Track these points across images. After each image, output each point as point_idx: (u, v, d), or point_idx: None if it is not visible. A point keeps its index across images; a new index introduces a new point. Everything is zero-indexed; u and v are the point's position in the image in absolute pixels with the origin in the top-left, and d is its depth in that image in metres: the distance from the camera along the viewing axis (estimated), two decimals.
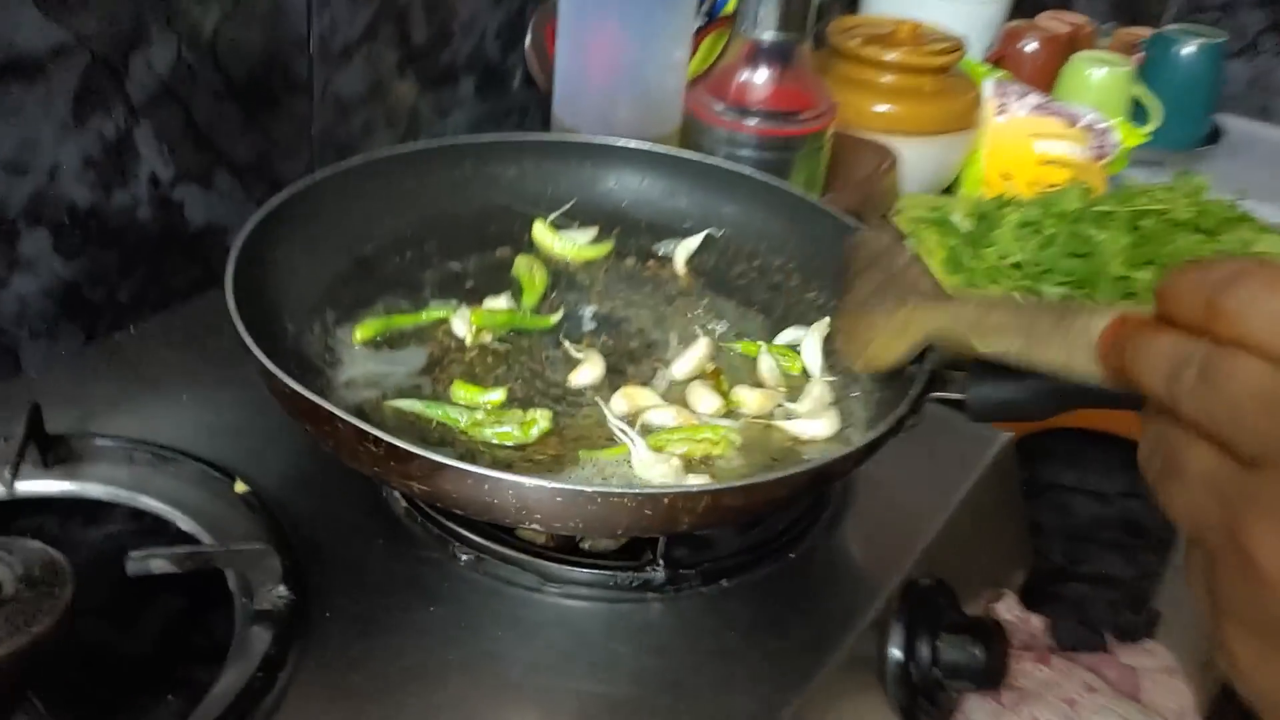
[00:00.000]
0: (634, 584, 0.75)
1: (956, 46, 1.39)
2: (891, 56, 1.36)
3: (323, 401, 0.67)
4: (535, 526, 0.70)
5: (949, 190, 1.44)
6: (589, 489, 0.64)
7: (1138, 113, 1.61)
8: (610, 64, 1.14)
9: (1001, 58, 1.65)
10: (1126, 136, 1.45)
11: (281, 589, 0.71)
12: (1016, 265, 0.93)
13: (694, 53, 1.29)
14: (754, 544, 0.79)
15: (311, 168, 1.11)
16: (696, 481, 0.76)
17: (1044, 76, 1.62)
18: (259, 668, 0.67)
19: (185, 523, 0.78)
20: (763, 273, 0.98)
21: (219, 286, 0.76)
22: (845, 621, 0.77)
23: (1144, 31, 1.82)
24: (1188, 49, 1.62)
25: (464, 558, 0.77)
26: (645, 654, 0.72)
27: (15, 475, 0.77)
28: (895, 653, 0.77)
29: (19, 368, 0.94)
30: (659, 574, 0.75)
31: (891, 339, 0.76)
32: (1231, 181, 0.78)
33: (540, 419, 0.78)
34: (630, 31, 1.12)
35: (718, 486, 0.66)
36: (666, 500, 0.65)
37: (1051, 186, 0.94)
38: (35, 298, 0.92)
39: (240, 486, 0.78)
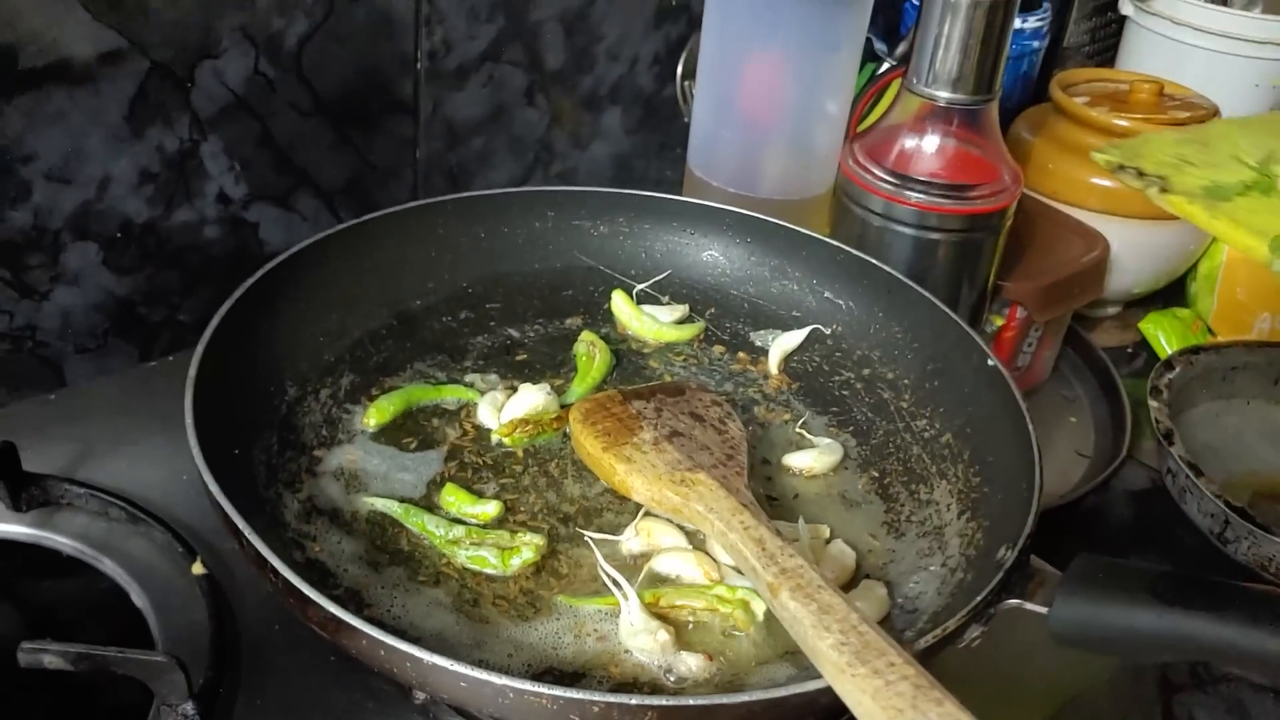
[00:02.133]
0: None
1: (1209, 114, 1.15)
2: (1123, 121, 1.14)
3: (230, 508, 0.57)
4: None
5: (1170, 299, 1.21)
6: (498, 681, 0.51)
7: None
8: (758, 111, 0.99)
9: None
10: None
11: (189, 708, 0.61)
12: None
13: (873, 99, 1.12)
14: None
15: (414, 191, 1.02)
16: (692, 662, 0.61)
17: None
18: None
19: (138, 597, 0.70)
20: (869, 386, 0.81)
21: None
22: None
23: None
24: None
25: (419, 697, 0.65)
26: None
27: None
28: None
29: (63, 381, 0.89)
30: None
31: (647, 482, 0.67)
32: None
33: (526, 548, 0.65)
34: (784, 75, 0.97)
35: (665, 703, 0.51)
36: (597, 709, 0.51)
37: None
38: (81, 312, 0.87)
39: (198, 568, 0.70)
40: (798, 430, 0.78)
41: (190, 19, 0.82)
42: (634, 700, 0.51)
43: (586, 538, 0.67)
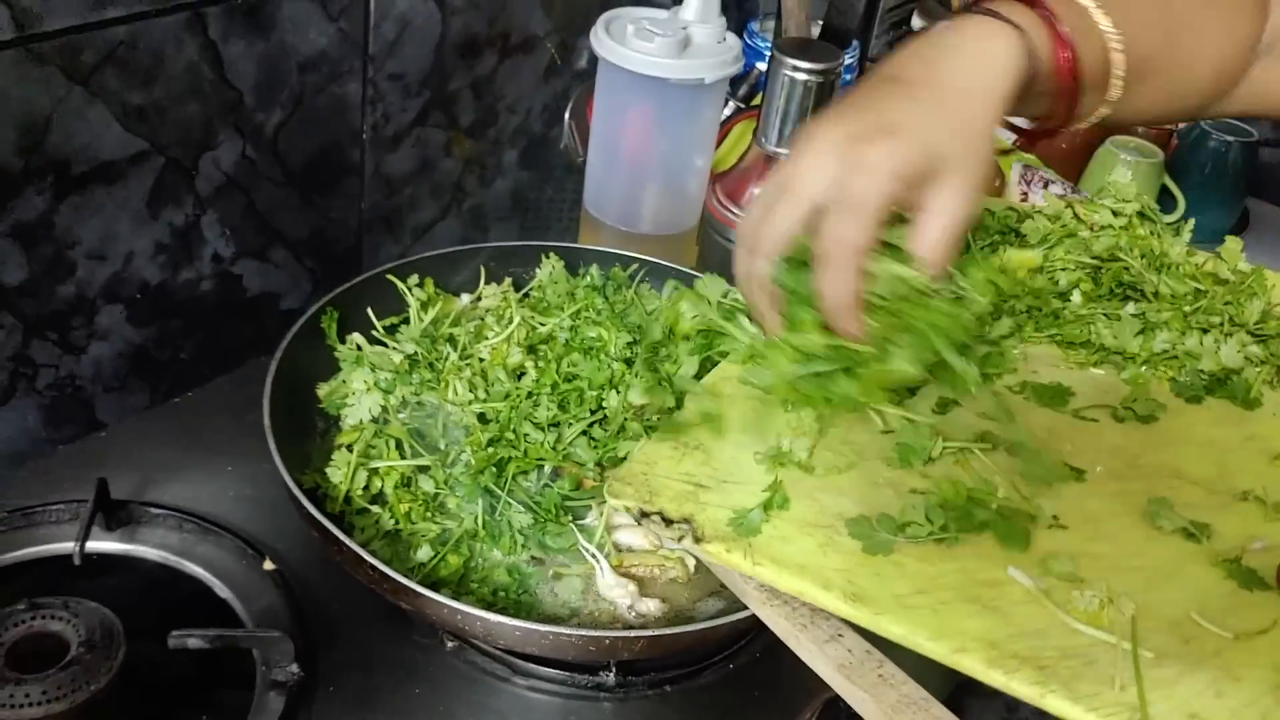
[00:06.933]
0: (589, 685, 0.88)
1: None
2: None
3: (338, 532, 0.80)
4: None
5: None
6: (542, 629, 0.76)
7: (1166, 203, 1.61)
8: (639, 164, 1.24)
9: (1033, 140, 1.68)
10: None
11: (294, 667, 0.84)
12: None
13: (723, 137, 1.38)
14: (699, 656, 0.92)
15: (359, 236, 1.23)
16: (651, 605, 0.88)
17: (1074, 162, 1.63)
18: None
19: (222, 590, 0.92)
20: None
21: (270, 351, 0.95)
22: None
23: None
24: (1217, 141, 1.64)
25: (450, 645, 0.90)
26: None
27: (84, 541, 0.90)
28: None
29: (96, 423, 1.08)
30: (610, 678, 0.88)
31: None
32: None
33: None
34: (659, 137, 1.22)
35: (649, 634, 0.78)
36: (607, 642, 0.77)
37: None
38: (109, 360, 1.06)
39: (268, 565, 0.92)
40: None
41: (196, 121, 1.01)
42: (632, 634, 0.77)
43: (570, 525, 0.93)
